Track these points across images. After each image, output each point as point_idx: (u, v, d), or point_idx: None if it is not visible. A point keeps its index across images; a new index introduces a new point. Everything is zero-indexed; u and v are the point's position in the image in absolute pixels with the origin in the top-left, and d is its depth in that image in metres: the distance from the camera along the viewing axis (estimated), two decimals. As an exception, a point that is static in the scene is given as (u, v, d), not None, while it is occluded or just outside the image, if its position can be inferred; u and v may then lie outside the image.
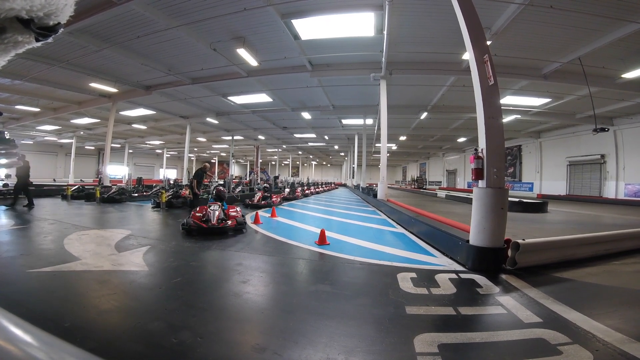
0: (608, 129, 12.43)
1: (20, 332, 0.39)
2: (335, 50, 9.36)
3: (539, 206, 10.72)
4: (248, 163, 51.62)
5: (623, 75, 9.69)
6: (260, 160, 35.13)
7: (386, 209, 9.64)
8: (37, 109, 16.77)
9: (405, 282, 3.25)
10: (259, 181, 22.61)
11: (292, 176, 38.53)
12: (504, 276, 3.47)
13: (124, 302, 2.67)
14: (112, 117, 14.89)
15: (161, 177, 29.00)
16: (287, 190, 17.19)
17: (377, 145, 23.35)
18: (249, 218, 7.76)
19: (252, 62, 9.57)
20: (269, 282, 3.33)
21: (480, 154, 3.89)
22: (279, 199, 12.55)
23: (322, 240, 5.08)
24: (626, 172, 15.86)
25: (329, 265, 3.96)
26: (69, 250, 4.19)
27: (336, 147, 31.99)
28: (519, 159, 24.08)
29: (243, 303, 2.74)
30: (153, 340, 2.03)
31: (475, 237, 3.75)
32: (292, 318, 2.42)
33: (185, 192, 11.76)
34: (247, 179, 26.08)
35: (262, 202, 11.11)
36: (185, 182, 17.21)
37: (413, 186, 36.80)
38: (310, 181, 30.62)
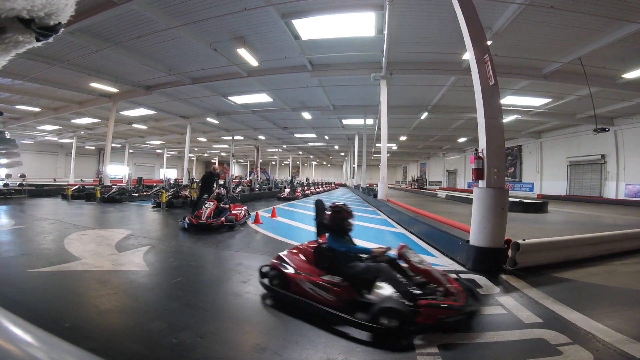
0: (608, 129, 12.41)
1: (20, 331, 0.39)
2: (335, 50, 9.34)
3: (539, 206, 10.71)
4: (248, 163, 51.60)
5: (624, 76, 9.68)
6: (261, 160, 35.14)
7: (386, 209, 9.63)
8: (38, 109, 16.78)
9: (405, 282, 3.24)
10: (259, 180, 22.62)
11: (292, 176, 38.49)
12: (504, 276, 3.47)
13: (124, 302, 2.67)
14: (113, 117, 14.88)
15: (161, 177, 29.02)
16: (287, 190, 17.22)
17: (377, 145, 23.32)
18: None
19: (253, 62, 9.57)
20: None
21: (480, 154, 3.89)
22: (243, 212, 7.36)
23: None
24: (626, 173, 15.83)
25: (329, 265, 3.96)
26: (70, 250, 4.19)
27: (336, 147, 31.95)
28: (520, 159, 24.04)
29: (243, 303, 2.75)
30: (153, 340, 2.03)
31: (475, 237, 3.75)
32: (292, 318, 2.42)
33: (185, 192, 11.75)
34: (248, 178, 26.11)
35: (218, 219, 6.33)
36: (185, 182, 17.25)
37: (413, 186, 36.75)
38: (310, 181, 30.62)
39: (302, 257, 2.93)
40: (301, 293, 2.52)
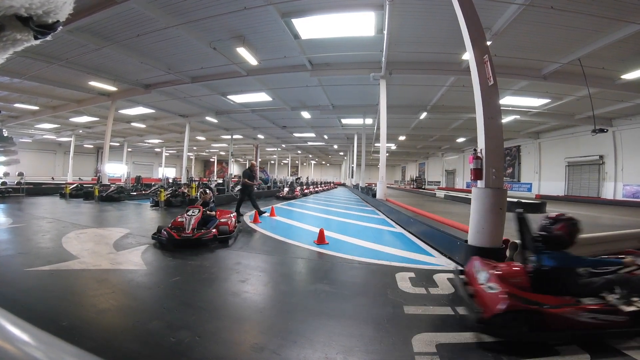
0: (607, 130, 12.44)
1: (17, 331, 0.39)
2: (335, 49, 9.34)
3: (537, 206, 10.73)
4: (247, 162, 51.56)
5: (623, 76, 9.70)
6: (260, 160, 35.11)
7: (385, 208, 9.64)
8: (36, 107, 16.71)
9: (403, 281, 3.25)
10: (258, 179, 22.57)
11: (291, 175, 38.49)
12: (502, 276, 3.47)
13: (123, 301, 2.67)
14: (111, 115, 14.84)
15: (160, 175, 28.95)
16: (286, 189, 17.22)
17: (376, 144, 23.34)
18: (247, 217, 7.75)
19: (252, 61, 9.55)
20: (268, 282, 3.33)
21: (479, 154, 3.89)
22: (233, 220, 5.57)
23: (321, 239, 5.08)
24: (624, 173, 15.89)
25: (328, 264, 3.96)
26: (67, 249, 4.18)
27: (335, 146, 31.97)
28: (518, 159, 24.11)
29: (242, 302, 2.75)
30: (151, 340, 2.03)
31: (473, 237, 3.76)
32: (290, 317, 2.42)
33: (184, 189, 11.75)
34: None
35: (209, 230, 4.81)
36: (184, 180, 17.24)
37: (412, 186, 36.83)
38: (308, 180, 30.60)
39: (521, 288, 2.34)
40: (575, 326, 2.12)
